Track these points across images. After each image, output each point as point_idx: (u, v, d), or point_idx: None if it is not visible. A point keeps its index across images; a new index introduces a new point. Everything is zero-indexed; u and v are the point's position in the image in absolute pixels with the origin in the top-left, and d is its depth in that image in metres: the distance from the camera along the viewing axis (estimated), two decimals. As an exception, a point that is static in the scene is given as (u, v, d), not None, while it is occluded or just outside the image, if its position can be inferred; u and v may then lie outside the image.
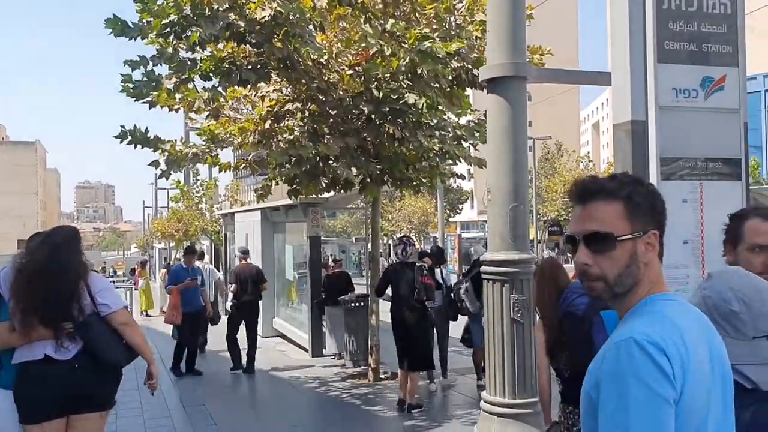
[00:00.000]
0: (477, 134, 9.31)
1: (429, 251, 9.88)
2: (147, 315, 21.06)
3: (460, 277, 9.46)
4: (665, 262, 3.86)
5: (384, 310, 9.95)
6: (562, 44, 64.70)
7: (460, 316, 9.00)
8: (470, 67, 8.18)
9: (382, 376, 9.70)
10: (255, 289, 10.85)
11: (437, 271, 9.14)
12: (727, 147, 4.39)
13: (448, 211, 47.09)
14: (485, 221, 6.42)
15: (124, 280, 29.53)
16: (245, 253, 11.48)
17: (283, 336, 13.87)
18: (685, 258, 4.20)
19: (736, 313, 1.94)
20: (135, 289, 22.82)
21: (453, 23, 8.24)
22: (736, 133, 4.42)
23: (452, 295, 8.86)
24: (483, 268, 6.16)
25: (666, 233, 3.21)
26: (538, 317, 4.17)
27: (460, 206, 55.10)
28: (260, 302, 11.16)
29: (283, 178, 9.30)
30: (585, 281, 1.59)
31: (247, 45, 7.51)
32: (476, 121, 9.67)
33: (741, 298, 1.95)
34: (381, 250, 37.82)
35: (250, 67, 7.68)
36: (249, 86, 8.13)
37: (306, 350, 12.04)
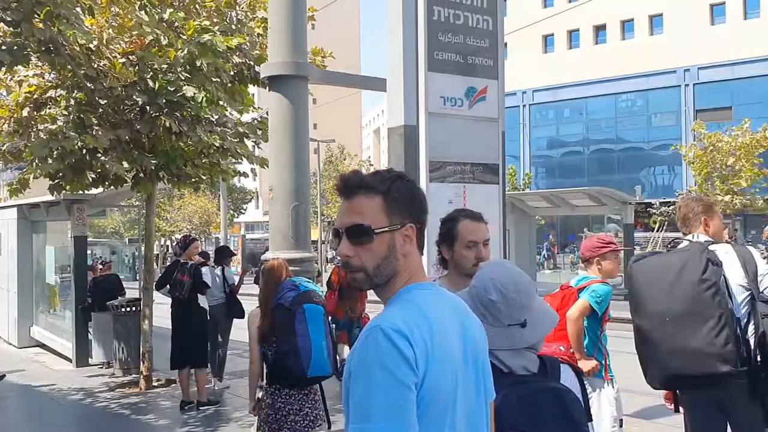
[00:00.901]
0: (260, 132, 9.20)
1: (205, 251, 9.72)
2: None
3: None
4: (432, 258, 4.07)
5: (156, 314, 9.48)
6: (345, 51, 66.55)
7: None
8: (252, 63, 8.07)
9: (155, 384, 9.21)
10: None
11: (217, 270, 8.93)
12: (487, 153, 4.76)
13: (231, 211, 46.14)
14: (268, 222, 6.41)
15: None
16: None
17: (42, 345, 12.63)
18: (450, 255, 4.51)
19: (494, 302, 2.06)
20: None
21: (234, 18, 8.07)
22: (495, 141, 4.80)
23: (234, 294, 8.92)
24: (263, 268, 6.10)
25: (432, 232, 3.38)
26: (255, 308, 4.64)
27: (245, 206, 54.29)
28: None
29: (44, 172, 8.45)
30: (348, 272, 1.64)
31: (2, 23, 6.71)
32: (259, 119, 9.55)
33: (499, 288, 2.07)
34: (157, 252, 35.62)
35: (5, 47, 6.87)
36: (3, 69, 7.27)
37: (69, 360, 11.07)
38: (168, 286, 8.06)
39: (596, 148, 49.60)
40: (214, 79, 7.90)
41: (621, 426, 4.38)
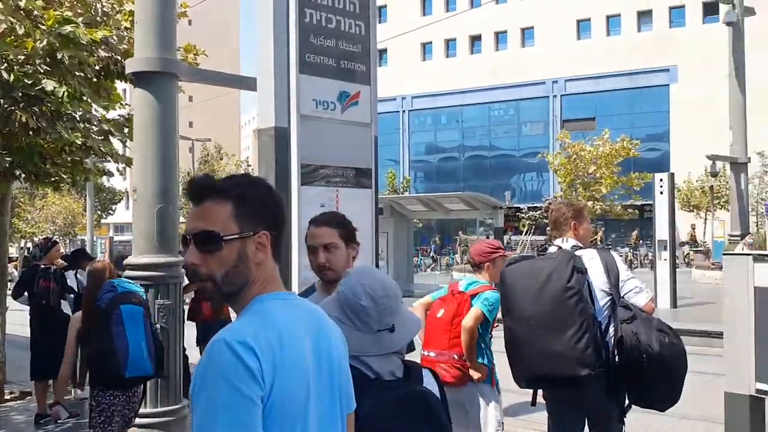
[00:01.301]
0: (126, 130, 8.78)
1: (66, 254, 9.19)
2: None
3: None
4: (303, 262, 4.02)
5: (11, 321, 8.83)
6: (225, 50, 65.26)
7: None
8: (119, 58, 7.68)
9: (8, 397, 8.56)
10: None
11: (73, 274, 8.42)
12: (360, 158, 4.79)
13: (99, 212, 43.86)
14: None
15: None
16: None
17: None
18: (319, 259, 4.48)
19: (365, 307, 2.06)
20: None
21: (100, 10, 7.65)
22: (368, 145, 4.83)
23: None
24: (126, 273, 5.82)
25: (303, 236, 3.31)
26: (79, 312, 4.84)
27: (114, 207, 51.77)
28: None
29: None
30: (197, 282, 1.58)
31: None
32: (126, 116, 9.12)
33: (369, 293, 2.07)
34: (17, 255, 33.53)
35: None
36: None
37: None
38: (26, 294, 7.56)
39: (471, 154, 51.37)
40: (77, 73, 7.46)
41: (503, 429, 4.53)
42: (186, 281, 6.09)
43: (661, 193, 14.43)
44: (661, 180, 14.55)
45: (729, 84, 14.96)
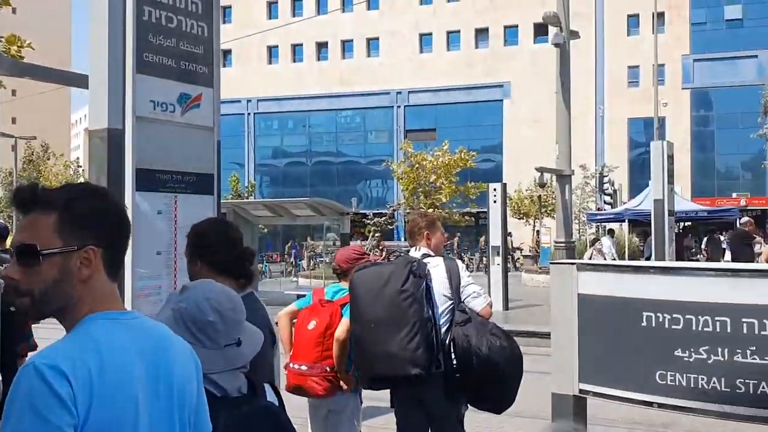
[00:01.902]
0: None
1: None
2: None
3: None
4: (139, 273, 3.81)
5: None
6: (56, 44, 60.90)
7: None
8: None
9: None
10: None
11: None
12: (201, 162, 4.61)
13: None
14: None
15: None
16: None
17: None
18: (158, 268, 4.24)
19: (212, 322, 1.98)
20: None
21: None
22: (210, 150, 4.67)
23: None
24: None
25: (140, 244, 3.15)
26: None
27: None
28: None
29: None
30: (16, 298, 1.47)
31: None
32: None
33: (216, 307, 1.99)
34: None
35: None
36: None
37: None
38: None
39: (318, 159, 51.59)
40: None
41: None
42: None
43: (495, 201, 15.19)
44: (494, 190, 15.33)
45: (556, 101, 16.09)
